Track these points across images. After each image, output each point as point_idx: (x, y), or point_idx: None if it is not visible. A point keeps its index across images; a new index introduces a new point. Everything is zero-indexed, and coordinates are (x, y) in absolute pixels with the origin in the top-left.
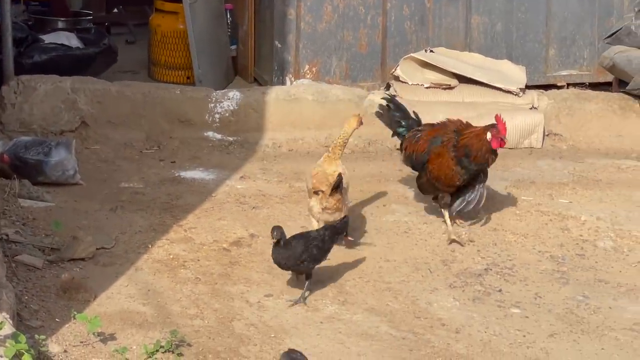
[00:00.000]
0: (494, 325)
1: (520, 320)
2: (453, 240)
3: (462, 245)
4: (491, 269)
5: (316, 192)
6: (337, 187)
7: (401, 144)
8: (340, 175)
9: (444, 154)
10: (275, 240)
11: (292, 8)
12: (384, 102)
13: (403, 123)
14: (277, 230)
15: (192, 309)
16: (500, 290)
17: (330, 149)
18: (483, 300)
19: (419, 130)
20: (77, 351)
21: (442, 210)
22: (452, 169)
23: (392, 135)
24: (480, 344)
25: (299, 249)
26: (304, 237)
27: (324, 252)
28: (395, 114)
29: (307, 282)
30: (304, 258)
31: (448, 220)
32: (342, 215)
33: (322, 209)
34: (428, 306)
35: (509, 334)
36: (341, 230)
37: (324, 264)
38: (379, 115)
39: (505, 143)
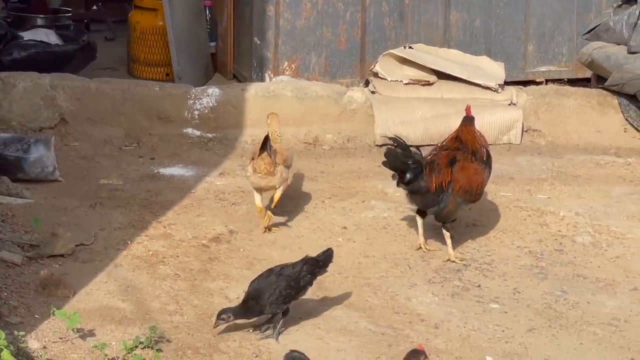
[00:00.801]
0: (473, 321)
1: (499, 315)
2: (451, 261)
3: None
4: (470, 265)
5: (253, 158)
6: (264, 146)
7: (409, 183)
8: (267, 134)
9: (468, 165)
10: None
11: (271, 4)
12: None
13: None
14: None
15: (172, 305)
16: (479, 286)
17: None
18: (462, 296)
19: (433, 162)
20: (56, 347)
21: (445, 231)
22: (481, 174)
23: (399, 181)
24: (459, 339)
25: (266, 296)
26: (272, 277)
27: (299, 290)
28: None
29: (282, 319)
30: (273, 305)
31: (450, 240)
32: (275, 184)
33: (253, 170)
34: (407, 301)
35: (488, 329)
36: (323, 264)
37: None
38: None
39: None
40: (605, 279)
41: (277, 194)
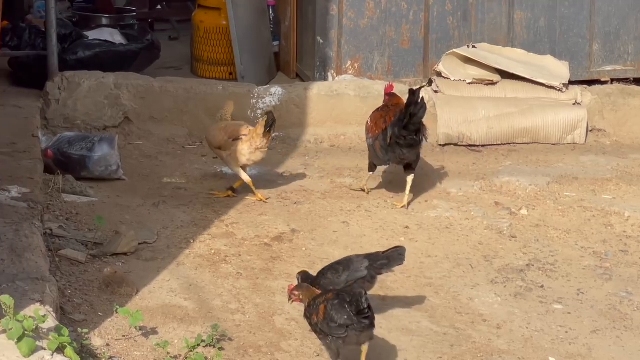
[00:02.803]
0: (536, 321)
1: (563, 316)
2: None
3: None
4: (533, 265)
5: (236, 139)
6: (269, 124)
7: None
8: (272, 112)
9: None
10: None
11: (335, 4)
12: None
13: None
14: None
15: (234, 304)
16: (542, 286)
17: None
18: (525, 296)
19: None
20: (119, 345)
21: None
22: None
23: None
24: (522, 340)
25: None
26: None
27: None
28: None
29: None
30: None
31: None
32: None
33: (255, 148)
34: (469, 302)
35: (551, 330)
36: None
37: None
38: None
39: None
40: None
41: (246, 176)
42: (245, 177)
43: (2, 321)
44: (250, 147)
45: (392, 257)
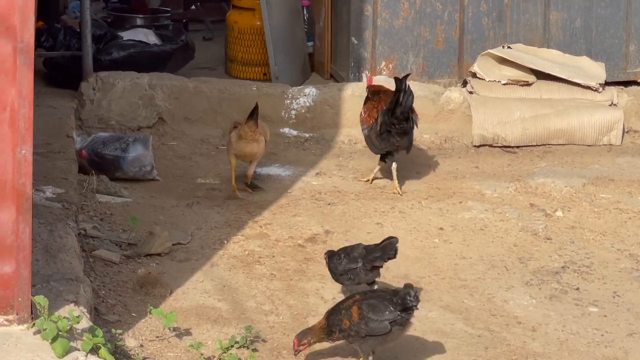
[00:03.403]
0: (571, 324)
1: (598, 319)
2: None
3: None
4: (568, 267)
5: (235, 127)
6: (253, 114)
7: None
8: (257, 103)
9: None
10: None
11: (369, 4)
12: None
13: None
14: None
15: (267, 305)
16: (577, 289)
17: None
18: (560, 299)
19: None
20: (152, 346)
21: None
22: None
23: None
24: (557, 343)
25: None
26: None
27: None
28: None
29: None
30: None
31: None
32: (257, 151)
33: (238, 137)
34: (504, 304)
35: (587, 332)
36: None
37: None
38: None
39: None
40: None
41: (251, 170)
42: (232, 163)
43: (36, 321)
44: (235, 136)
45: (385, 249)
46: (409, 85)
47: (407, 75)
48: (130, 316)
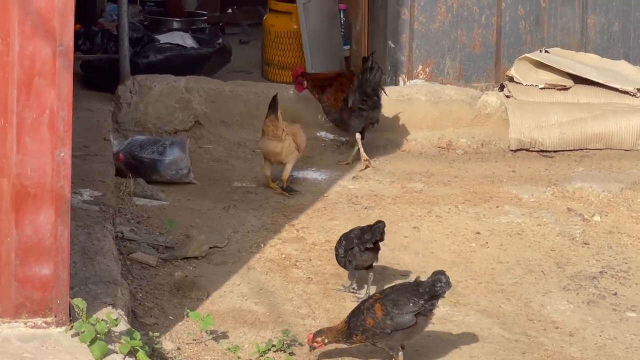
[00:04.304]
0: (609, 329)
1: (637, 324)
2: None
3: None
4: (606, 272)
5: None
6: (272, 106)
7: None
8: (276, 94)
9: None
10: None
11: (406, 8)
12: None
13: None
14: None
15: (304, 309)
16: (615, 294)
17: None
18: (598, 304)
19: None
20: (190, 349)
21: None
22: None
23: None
24: (595, 348)
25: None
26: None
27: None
28: None
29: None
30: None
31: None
32: (281, 151)
33: (262, 134)
34: (541, 309)
35: (625, 338)
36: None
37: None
38: None
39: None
40: None
41: (285, 173)
42: (265, 169)
43: (74, 324)
44: (261, 135)
45: (374, 232)
46: (376, 61)
47: (373, 52)
48: (168, 319)
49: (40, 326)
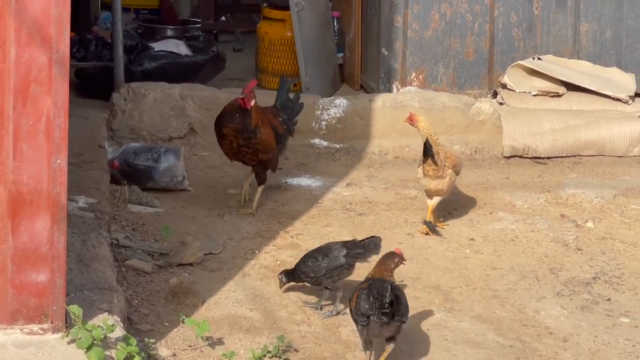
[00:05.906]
0: (603, 335)
1: (630, 329)
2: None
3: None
4: (599, 278)
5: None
6: (426, 153)
7: None
8: (426, 140)
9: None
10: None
11: (399, 15)
12: None
13: None
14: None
15: (299, 315)
16: (609, 299)
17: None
18: (591, 309)
19: None
20: (185, 355)
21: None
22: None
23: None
24: (589, 353)
25: None
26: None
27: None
28: None
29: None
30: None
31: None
32: (443, 187)
33: (423, 174)
34: (535, 314)
35: (618, 343)
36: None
37: (430, 268)
38: None
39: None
40: None
41: (432, 204)
42: (428, 203)
43: (71, 330)
44: (421, 172)
45: (368, 247)
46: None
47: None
48: (163, 325)
49: (36, 333)
